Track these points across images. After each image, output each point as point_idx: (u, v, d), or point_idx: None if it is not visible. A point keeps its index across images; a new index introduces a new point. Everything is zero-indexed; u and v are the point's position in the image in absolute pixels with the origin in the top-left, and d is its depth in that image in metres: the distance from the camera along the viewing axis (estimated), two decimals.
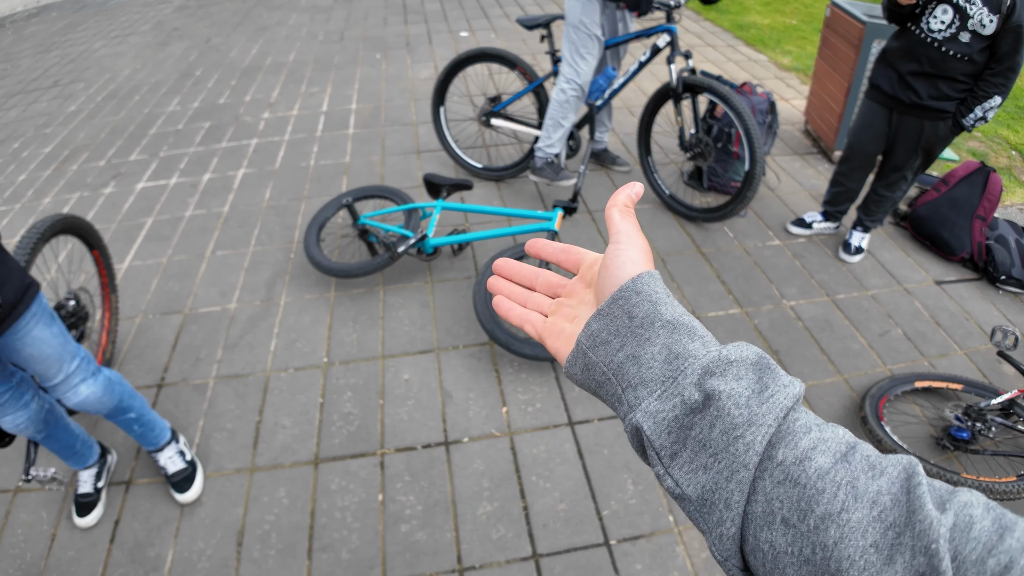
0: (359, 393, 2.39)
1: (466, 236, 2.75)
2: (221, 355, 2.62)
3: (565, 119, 3.18)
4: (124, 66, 6.57)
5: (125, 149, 4.56)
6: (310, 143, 4.23)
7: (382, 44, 6.05)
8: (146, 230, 3.50)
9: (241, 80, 5.54)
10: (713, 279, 2.84)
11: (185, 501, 2.11)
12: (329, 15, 7.26)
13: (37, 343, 1.65)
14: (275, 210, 3.52)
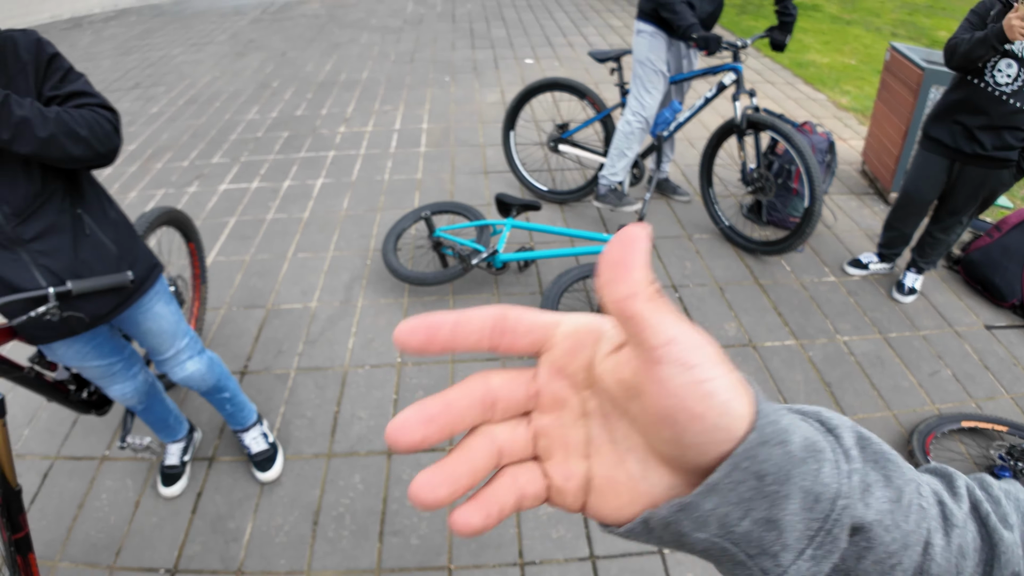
0: (430, 392, 2.54)
1: (532, 254, 2.91)
2: (302, 349, 2.82)
3: (630, 149, 3.35)
4: (203, 73, 6.95)
5: (207, 152, 4.87)
6: (384, 158, 4.46)
7: (450, 67, 6.31)
8: (229, 229, 3.75)
9: (317, 94, 5.85)
10: (770, 310, 2.94)
11: (266, 480, 2.27)
12: (399, 36, 7.58)
13: (156, 318, 1.84)
14: (352, 219, 3.75)
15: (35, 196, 1.44)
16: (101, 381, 1.91)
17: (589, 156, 3.69)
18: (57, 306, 1.48)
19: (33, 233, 1.46)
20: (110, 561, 2.07)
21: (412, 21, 8.22)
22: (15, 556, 1.68)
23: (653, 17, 3.14)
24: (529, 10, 8.52)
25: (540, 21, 7.95)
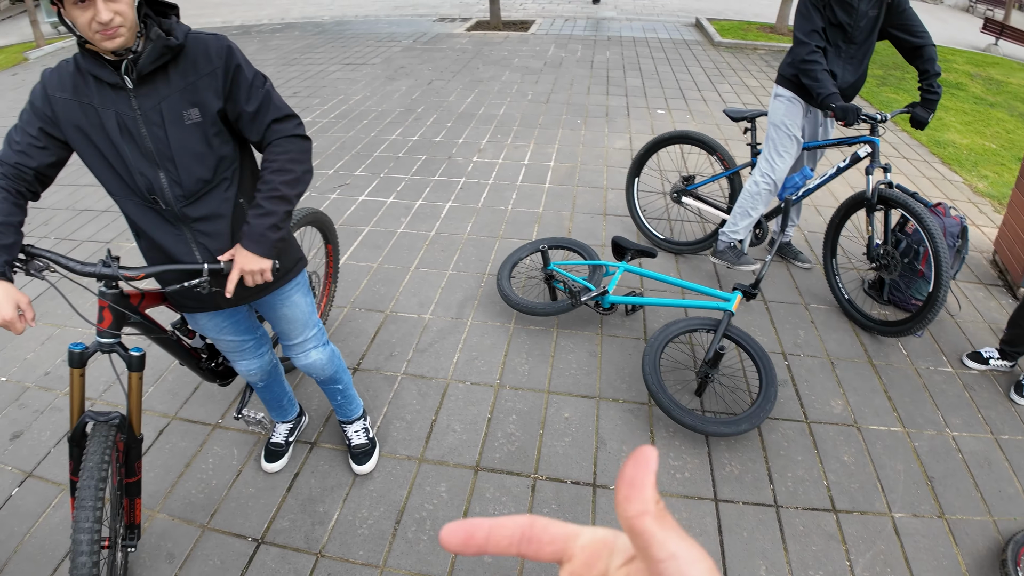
0: (523, 418, 2.63)
1: (642, 300, 2.95)
2: (411, 356, 3.00)
3: (754, 209, 3.32)
4: (356, 92, 7.53)
5: (351, 164, 5.28)
6: (510, 190, 4.67)
7: (583, 111, 6.50)
8: (362, 236, 4.05)
9: (456, 123, 6.20)
10: (880, 392, 2.80)
11: (360, 472, 2.42)
12: (538, 77, 7.89)
13: (293, 306, 2.02)
14: (473, 242, 3.95)
15: (205, 183, 1.64)
16: (231, 355, 2.12)
17: (712, 211, 3.69)
18: (208, 281, 1.67)
19: (198, 214, 1.67)
20: (204, 521, 2.28)
21: (552, 64, 8.54)
22: (122, 498, 1.89)
23: (792, 83, 3.13)
24: (667, 63, 8.63)
25: (676, 74, 8.02)
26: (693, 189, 3.78)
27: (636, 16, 12.57)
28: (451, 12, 13.70)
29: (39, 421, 2.83)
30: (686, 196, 3.78)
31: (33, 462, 2.61)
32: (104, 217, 4.73)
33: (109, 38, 1.39)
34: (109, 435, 1.69)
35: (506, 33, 10.92)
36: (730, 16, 12.57)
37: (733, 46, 9.76)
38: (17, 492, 2.49)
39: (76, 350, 1.70)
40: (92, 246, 4.34)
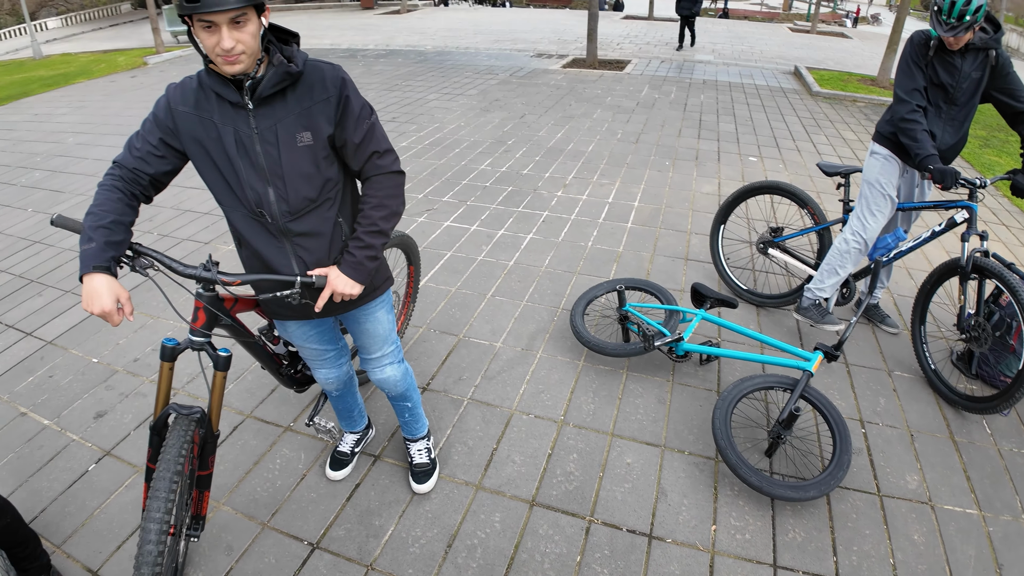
0: (583, 458, 2.60)
1: (718, 350, 2.88)
2: (479, 382, 3.04)
3: (843, 268, 3.21)
4: (451, 121, 7.79)
5: (440, 190, 5.44)
6: (592, 227, 4.69)
7: (673, 153, 6.47)
8: (444, 261, 4.16)
9: (544, 157, 6.30)
10: (958, 471, 2.61)
11: (419, 491, 2.45)
12: (630, 117, 7.92)
13: (375, 322, 2.10)
14: (550, 276, 3.98)
15: (311, 202, 1.75)
16: (313, 362, 2.23)
17: (798, 265, 3.58)
18: (299, 292, 1.77)
19: (300, 230, 1.78)
20: (265, 519, 2.36)
21: (645, 104, 8.56)
22: (192, 489, 1.98)
23: (890, 141, 3.03)
24: (762, 110, 8.48)
25: (771, 122, 7.87)
26: (781, 241, 3.68)
27: (733, 61, 12.45)
28: (549, 49, 14.01)
29: (123, 404, 3.03)
30: (773, 248, 3.69)
31: (112, 442, 2.80)
32: (204, 220, 5.06)
33: (230, 63, 1.49)
34: (189, 429, 1.76)
35: (601, 72, 11.04)
36: (830, 66, 12.26)
37: (831, 97, 9.49)
38: (93, 468, 2.67)
39: (169, 345, 1.79)
40: (191, 245, 4.65)
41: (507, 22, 19.83)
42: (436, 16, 22.05)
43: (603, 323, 3.46)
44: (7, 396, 3.15)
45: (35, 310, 3.96)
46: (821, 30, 19.74)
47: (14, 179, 6.78)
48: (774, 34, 17.81)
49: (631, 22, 20.16)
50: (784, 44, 15.51)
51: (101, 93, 11.19)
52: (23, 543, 1.98)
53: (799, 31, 19.41)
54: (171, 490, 1.62)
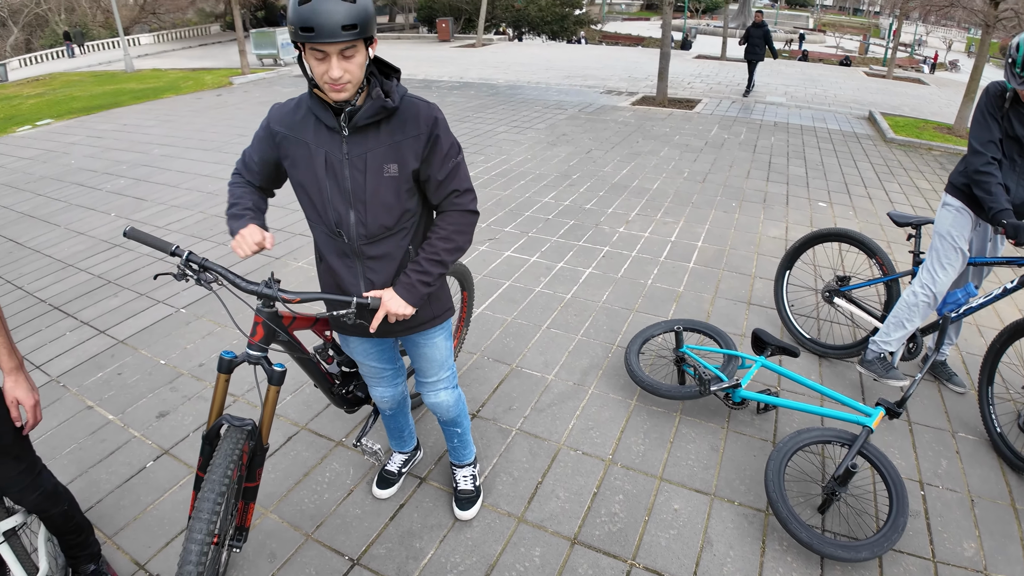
0: (629, 500, 2.55)
1: (777, 400, 2.79)
2: (529, 413, 3.03)
3: (910, 322, 3.08)
4: (518, 153, 7.91)
5: (503, 220, 5.51)
6: (652, 264, 4.65)
7: (740, 194, 6.37)
8: (502, 290, 4.21)
9: (608, 193, 6.31)
10: (1017, 540, 2.43)
11: (462, 518, 2.45)
12: (697, 156, 7.86)
13: (434, 347, 2.14)
14: (607, 312, 3.96)
15: (387, 229, 1.83)
16: (370, 380, 2.28)
17: (865, 316, 3.45)
18: (354, 312, 1.81)
19: (373, 253, 1.85)
20: (310, 530, 2.41)
21: (713, 144, 8.49)
22: (238, 500, 2.01)
23: (963, 193, 2.91)
24: (834, 155, 8.27)
25: (843, 167, 7.67)
26: (847, 291, 3.56)
27: (806, 104, 12.22)
28: (619, 86, 14.10)
29: (185, 406, 3.16)
30: (839, 297, 3.58)
31: (172, 441, 2.92)
32: (276, 236, 5.27)
33: (336, 91, 1.59)
34: (239, 441, 1.79)
35: (670, 110, 11.03)
36: (906, 112, 11.88)
37: (906, 144, 9.18)
38: (151, 465, 2.79)
39: (226, 357, 1.84)
40: (260, 259, 4.85)
41: (579, 59, 20.11)
42: (510, 51, 22.55)
43: (658, 363, 3.41)
44: (76, 389, 3.34)
45: (110, 309, 4.20)
46: (897, 75, 19.21)
47: (100, 184, 7.25)
48: (849, 78, 17.43)
49: (703, 62, 20.11)
50: (859, 88, 15.15)
51: (187, 109, 11.88)
52: (76, 531, 2.07)
53: (875, 76, 18.94)
54: (217, 501, 1.64)
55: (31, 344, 3.83)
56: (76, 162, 8.35)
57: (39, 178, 7.71)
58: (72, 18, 35.00)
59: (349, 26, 1.50)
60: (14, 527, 1.90)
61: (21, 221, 6.19)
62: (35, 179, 7.68)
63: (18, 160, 8.69)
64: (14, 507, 1.97)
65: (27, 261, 5.14)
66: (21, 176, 7.87)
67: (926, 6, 15.08)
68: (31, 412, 1.79)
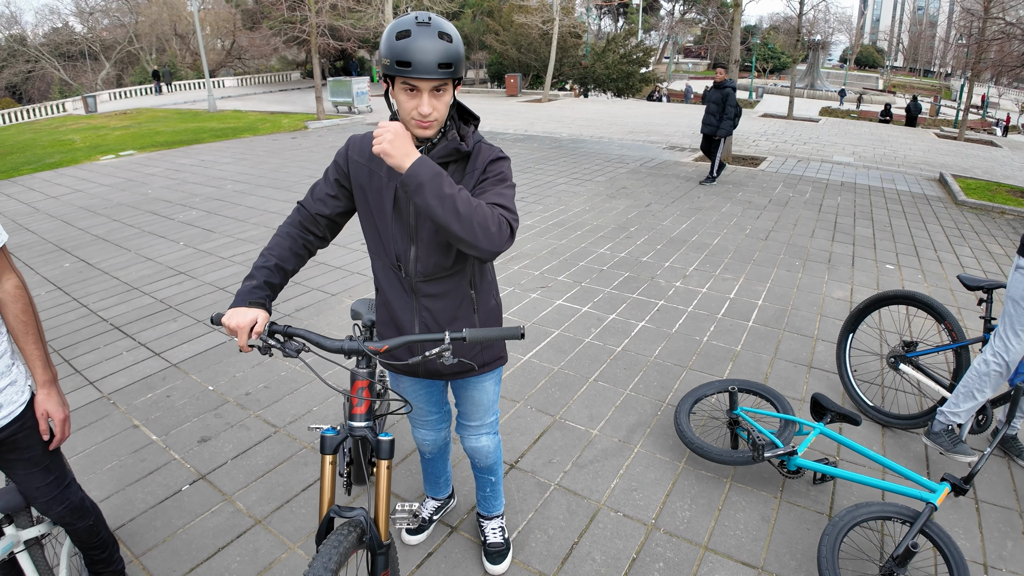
0: (670, 569, 2.39)
1: (835, 470, 2.60)
2: (569, 468, 2.92)
3: (981, 392, 2.85)
4: (576, 204, 7.92)
5: (557, 269, 5.48)
6: (709, 321, 4.51)
7: (803, 253, 6.17)
8: (550, 338, 4.14)
9: (665, 247, 6.22)
10: None
11: (493, 572, 2.35)
12: (760, 213, 7.69)
13: (483, 392, 2.11)
14: (658, 367, 3.83)
15: (443, 269, 1.82)
16: (415, 421, 2.25)
17: (932, 385, 3.22)
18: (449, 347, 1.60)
19: (429, 291, 1.84)
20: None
21: (777, 202, 8.30)
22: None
23: None
24: (902, 216, 7.95)
25: (912, 229, 7.34)
26: (914, 357, 3.35)
27: (875, 165, 11.86)
28: (682, 142, 14.08)
29: (227, 433, 3.20)
30: (905, 364, 3.36)
31: (210, 467, 2.94)
32: (336, 273, 5.39)
33: (423, 128, 1.60)
34: (347, 537, 1.52)
35: (734, 167, 10.90)
36: (977, 174, 11.37)
37: (978, 207, 8.76)
38: (187, 489, 2.80)
39: (329, 435, 1.60)
40: (319, 295, 4.94)
41: (643, 115, 20.26)
42: (575, 106, 22.93)
43: (710, 425, 3.25)
44: (125, 408, 3.43)
45: (168, 333, 4.34)
46: (969, 137, 18.52)
47: (173, 214, 7.62)
48: (919, 139, 16.91)
49: (769, 120, 19.92)
50: (929, 150, 14.66)
51: (263, 149, 12.47)
52: (101, 547, 2.08)
53: (945, 137, 18.32)
54: None
55: (88, 360, 3.98)
56: (153, 192, 8.84)
57: (117, 204, 8.17)
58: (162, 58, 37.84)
59: (444, 64, 1.52)
60: (37, 536, 1.93)
61: (95, 243, 6.54)
62: (113, 205, 8.15)
63: (99, 187, 9.25)
64: (40, 518, 2.00)
65: (95, 282, 5.40)
66: (100, 201, 8.36)
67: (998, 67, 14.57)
68: (60, 427, 1.82)
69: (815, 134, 16.25)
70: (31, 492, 1.84)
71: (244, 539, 2.53)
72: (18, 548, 1.85)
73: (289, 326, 1.67)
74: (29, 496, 1.85)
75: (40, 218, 7.60)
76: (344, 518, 1.58)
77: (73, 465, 2.95)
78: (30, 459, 1.78)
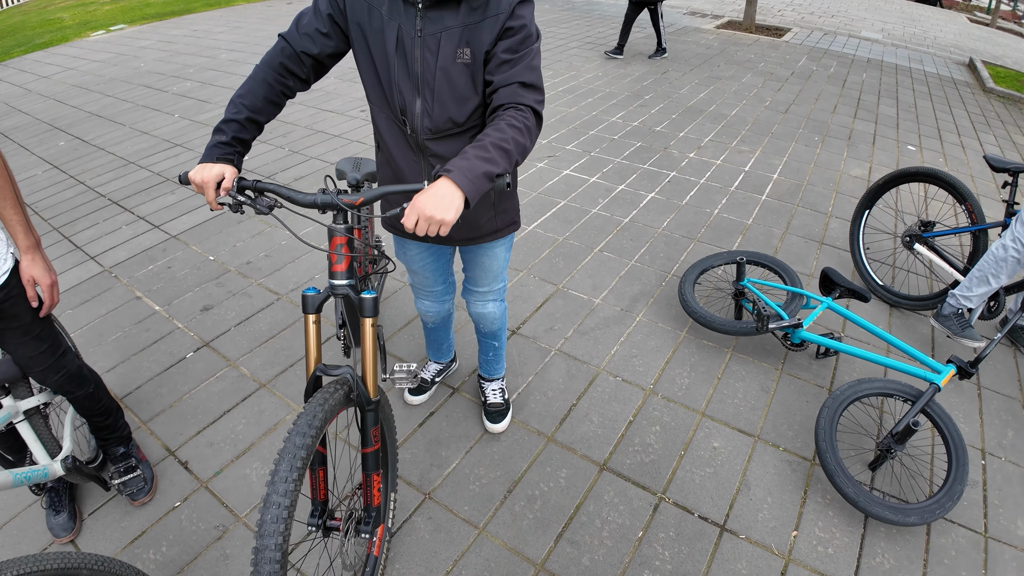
0: (667, 432, 2.43)
1: (838, 345, 2.57)
2: (571, 334, 2.91)
3: (996, 278, 2.77)
4: (589, 71, 7.50)
5: (565, 138, 5.26)
6: (721, 194, 4.36)
7: (823, 129, 5.88)
8: (556, 208, 4.02)
9: (681, 116, 5.92)
10: None
11: (492, 430, 2.40)
12: (782, 85, 7.28)
13: (493, 258, 2.02)
14: (666, 239, 3.74)
15: (455, 124, 1.61)
16: (418, 292, 2.20)
17: (945, 267, 3.14)
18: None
19: (437, 151, 1.65)
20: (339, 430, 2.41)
21: (800, 75, 7.84)
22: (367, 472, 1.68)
23: None
24: (928, 98, 7.52)
25: (937, 111, 6.97)
26: (930, 237, 3.24)
27: (904, 43, 11.11)
28: (703, 7, 13.16)
29: (229, 301, 3.17)
30: (920, 244, 3.25)
31: (213, 334, 2.94)
32: (335, 141, 5.19)
33: None
34: (334, 394, 1.48)
35: (757, 36, 10.23)
36: (1008, 63, 10.66)
37: (1005, 96, 8.27)
38: (191, 356, 2.82)
39: (310, 294, 1.53)
40: (318, 163, 4.78)
41: None
42: None
43: (715, 296, 3.20)
44: (127, 280, 3.40)
45: (166, 206, 4.23)
46: (1001, 26, 17.30)
47: (167, 87, 7.28)
48: (951, 21, 15.78)
49: None
50: (960, 34, 13.68)
51: (257, 17, 11.76)
52: (104, 413, 2.09)
53: (977, 22, 17.11)
54: (293, 468, 1.30)
55: (88, 236, 3.90)
56: (146, 65, 8.40)
57: (109, 80, 7.79)
58: None
59: None
60: (37, 406, 1.92)
61: (89, 120, 6.28)
62: (105, 81, 7.77)
63: (91, 63, 8.80)
64: (40, 388, 1.99)
65: (91, 158, 5.22)
66: (92, 78, 7.97)
67: None
68: (48, 292, 1.76)
69: (843, 7, 15.14)
70: (25, 362, 1.80)
71: (249, 402, 2.56)
72: (17, 418, 1.85)
73: (259, 180, 1.52)
74: (24, 366, 1.82)
75: (32, 99, 7.27)
76: (331, 376, 1.53)
77: (78, 338, 2.96)
78: (20, 328, 1.73)
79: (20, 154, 5.47)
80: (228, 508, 2.14)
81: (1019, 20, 24.89)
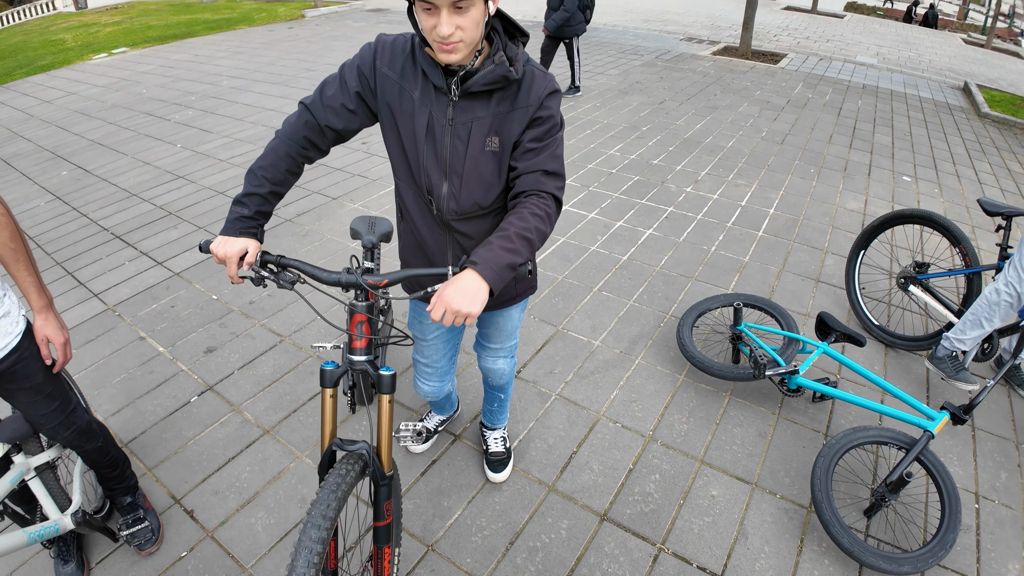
0: (666, 481, 2.46)
1: (834, 391, 2.61)
2: (571, 378, 2.95)
3: (989, 321, 2.82)
4: (586, 100, 7.62)
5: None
6: (718, 230, 4.42)
7: (819, 160, 5.97)
8: (555, 246, 4.07)
9: (678, 149, 6.01)
10: None
11: (494, 480, 2.43)
12: (778, 115, 7.39)
13: (508, 319, 2.05)
14: (664, 278, 3.79)
15: (480, 208, 1.63)
16: (421, 369, 2.16)
17: (940, 309, 3.19)
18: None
19: (463, 230, 1.68)
20: None
21: (796, 103, 7.95)
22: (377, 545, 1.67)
23: None
24: (923, 124, 7.63)
25: (932, 139, 7.07)
26: (925, 279, 3.29)
27: (899, 68, 11.27)
28: (700, 33, 13.34)
29: (233, 343, 3.21)
30: (915, 285, 3.31)
31: (217, 377, 2.97)
32: (337, 175, 5.23)
33: (446, 52, 1.35)
34: (350, 470, 1.48)
35: (753, 63, 10.37)
36: (1003, 87, 10.79)
37: (1001, 121, 8.38)
38: (195, 400, 2.85)
39: (329, 368, 1.53)
40: (320, 198, 4.82)
41: (661, 2, 19.09)
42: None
43: (713, 339, 3.24)
44: (131, 319, 3.44)
45: (169, 241, 4.28)
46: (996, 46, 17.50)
47: (169, 115, 7.36)
48: (947, 44, 15.99)
49: (792, 14, 18.76)
50: (955, 56, 13.88)
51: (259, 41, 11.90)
52: (112, 465, 2.12)
53: (973, 44, 17.31)
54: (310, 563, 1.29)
55: (92, 272, 3.95)
56: (147, 91, 8.49)
57: (111, 106, 7.87)
58: None
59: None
60: (48, 461, 1.95)
61: (91, 149, 6.35)
62: (107, 107, 7.85)
63: (93, 88, 8.89)
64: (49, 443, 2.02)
65: (94, 189, 5.28)
66: (94, 104, 8.05)
67: None
68: (61, 350, 1.80)
69: (839, 31, 15.37)
70: (36, 419, 1.84)
71: (253, 449, 2.59)
72: (29, 475, 1.87)
73: (283, 256, 1.54)
74: (35, 423, 1.85)
75: (35, 125, 7.35)
76: (346, 451, 1.53)
77: (82, 380, 2.99)
78: (32, 388, 1.77)
79: (23, 183, 5.53)
80: (234, 559, 2.16)
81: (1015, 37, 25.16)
